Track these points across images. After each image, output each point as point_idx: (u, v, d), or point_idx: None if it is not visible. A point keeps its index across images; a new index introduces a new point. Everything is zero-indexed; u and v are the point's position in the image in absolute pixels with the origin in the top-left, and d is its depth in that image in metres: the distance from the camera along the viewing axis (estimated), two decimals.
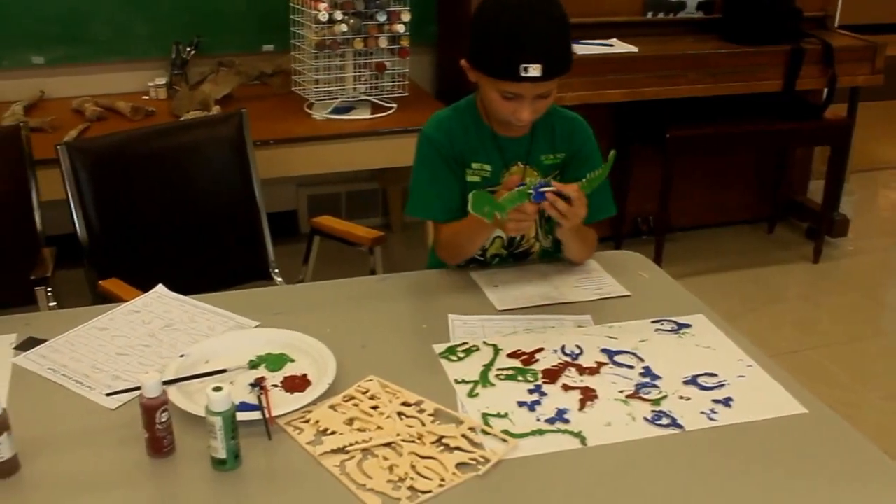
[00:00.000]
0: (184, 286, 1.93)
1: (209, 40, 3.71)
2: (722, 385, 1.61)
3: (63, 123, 3.24)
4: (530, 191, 1.74)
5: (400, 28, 3.35)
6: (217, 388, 1.35)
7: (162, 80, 3.64)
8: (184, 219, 2.50)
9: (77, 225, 2.34)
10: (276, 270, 2.62)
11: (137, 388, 1.48)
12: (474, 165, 1.97)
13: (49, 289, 2.30)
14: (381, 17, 3.32)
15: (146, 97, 3.62)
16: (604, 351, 1.71)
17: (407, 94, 3.49)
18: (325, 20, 3.24)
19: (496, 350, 1.72)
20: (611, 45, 3.74)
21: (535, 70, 1.75)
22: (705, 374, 1.64)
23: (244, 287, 2.15)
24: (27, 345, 1.69)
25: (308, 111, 3.46)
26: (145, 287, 2.11)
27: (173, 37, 3.66)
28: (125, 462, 1.40)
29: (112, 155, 2.42)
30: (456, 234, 1.98)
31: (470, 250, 2.02)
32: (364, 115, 3.44)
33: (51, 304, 2.33)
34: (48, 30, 3.59)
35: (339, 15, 3.26)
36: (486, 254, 2.06)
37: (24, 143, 2.44)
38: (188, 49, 3.65)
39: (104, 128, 3.27)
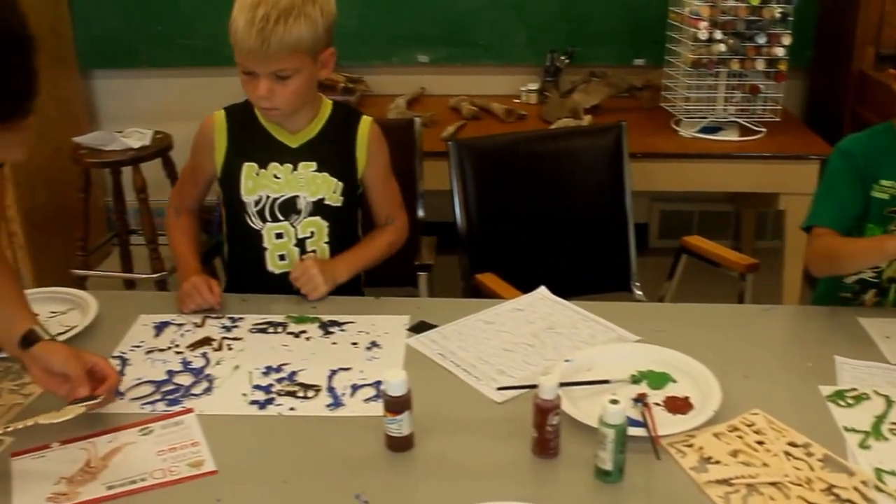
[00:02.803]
0: (547, 287, 1.97)
1: (583, 51, 3.76)
2: None
3: (441, 119, 3.42)
4: None
5: (779, 51, 3.22)
6: (614, 401, 1.35)
7: (534, 86, 3.74)
8: (555, 223, 2.55)
9: (458, 216, 2.46)
10: (638, 284, 2.60)
11: (529, 387, 1.52)
12: (884, 183, 1.90)
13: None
14: (761, 40, 3.21)
15: (517, 101, 3.73)
16: None
17: (778, 119, 3.34)
18: (703, 39, 3.18)
19: (889, 402, 1.59)
20: None
21: None
22: None
23: (601, 296, 2.15)
24: (419, 328, 1.79)
25: (675, 128, 3.41)
26: (514, 284, 2.18)
27: (549, 45, 3.76)
28: (509, 456, 1.44)
29: (496, 154, 2.52)
30: (840, 249, 1.89)
31: (847, 269, 1.95)
32: (732, 136, 3.33)
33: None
34: (435, 31, 3.82)
35: (718, 34, 3.18)
36: (881, 276, 1.97)
37: (417, 136, 2.59)
38: (562, 58, 3.73)
39: (478, 127, 3.41)
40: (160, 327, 1.82)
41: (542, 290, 1.93)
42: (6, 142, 1.31)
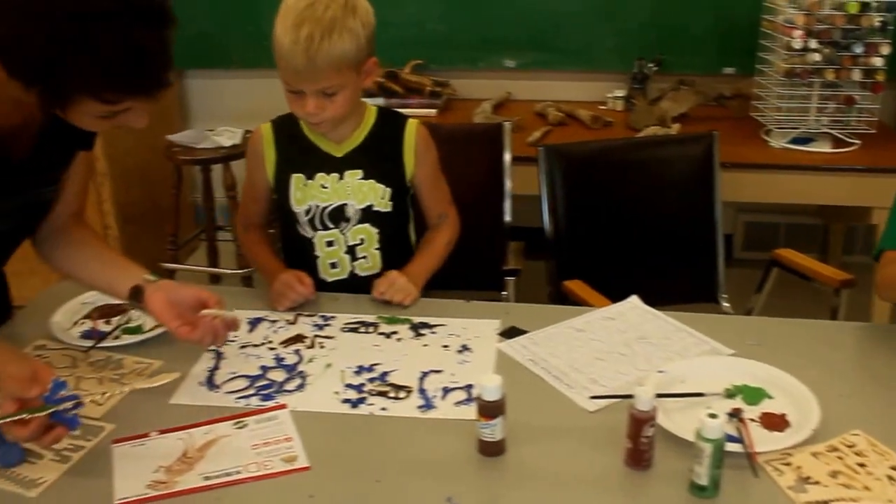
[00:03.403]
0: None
1: (671, 58, 3.73)
2: None
3: (526, 124, 3.41)
4: None
5: (877, 61, 3.14)
6: (712, 415, 1.33)
7: (620, 93, 3.71)
8: (643, 231, 2.53)
9: (546, 222, 2.46)
10: (725, 296, 2.56)
11: (623, 397, 1.50)
12: None
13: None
14: (858, 49, 3.13)
15: (603, 107, 3.71)
16: None
17: (873, 131, 3.26)
18: (798, 48, 3.12)
19: None
20: None
21: None
22: None
23: (688, 307, 2.11)
24: (510, 333, 1.79)
25: (765, 138, 3.35)
26: (599, 291, 2.17)
27: (637, 52, 3.73)
28: (601, 466, 1.42)
29: (586, 160, 2.51)
30: None
31: None
32: (825, 148, 3.26)
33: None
34: (522, 36, 3.82)
35: (813, 44, 3.12)
36: None
37: (506, 140, 2.59)
38: (650, 65, 3.69)
39: (564, 133, 3.40)
40: (254, 323, 1.85)
41: (634, 300, 1.92)
42: (140, 111, 1.41)
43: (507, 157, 2.58)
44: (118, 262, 1.71)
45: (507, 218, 2.60)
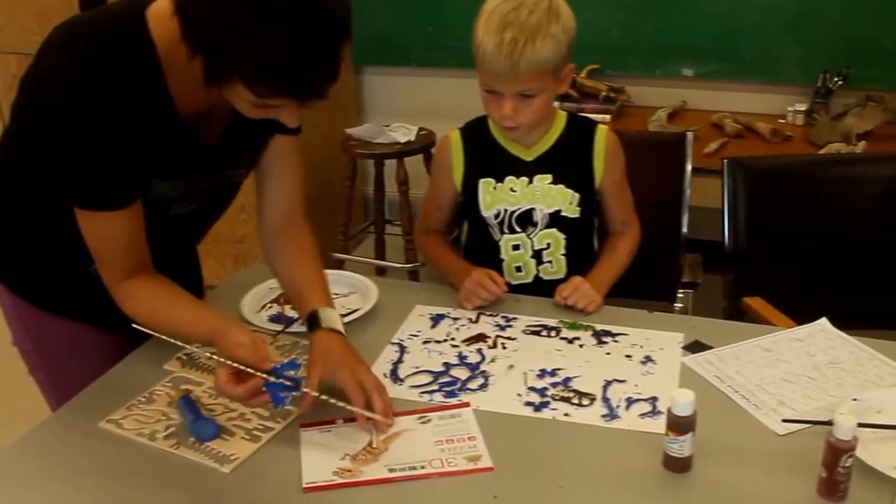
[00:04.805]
0: (813, 319, 1.88)
1: (858, 72, 3.57)
2: None
3: (701, 135, 3.34)
4: None
5: None
6: None
7: (802, 107, 3.59)
8: (828, 251, 2.43)
9: (726, 236, 2.40)
10: None
11: (821, 423, 1.46)
12: None
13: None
14: None
15: (782, 121, 3.59)
16: None
17: None
18: None
19: None
20: None
21: None
22: None
23: (875, 332, 2.03)
24: (694, 347, 1.76)
25: None
26: (778, 309, 2.10)
27: (822, 65, 3.58)
28: (791, 493, 1.38)
29: (772, 175, 2.44)
30: None
31: None
32: None
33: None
34: (702, 45, 3.74)
35: None
36: None
37: (688, 150, 2.55)
38: (835, 79, 3.55)
39: (741, 145, 3.33)
40: (436, 319, 1.88)
41: (823, 322, 1.85)
42: (292, 112, 1.41)
43: (689, 167, 2.53)
44: (313, 282, 1.70)
45: (684, 230, 2.55)
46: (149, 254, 1.60)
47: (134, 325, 1.56)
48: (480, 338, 1.81)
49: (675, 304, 2.48)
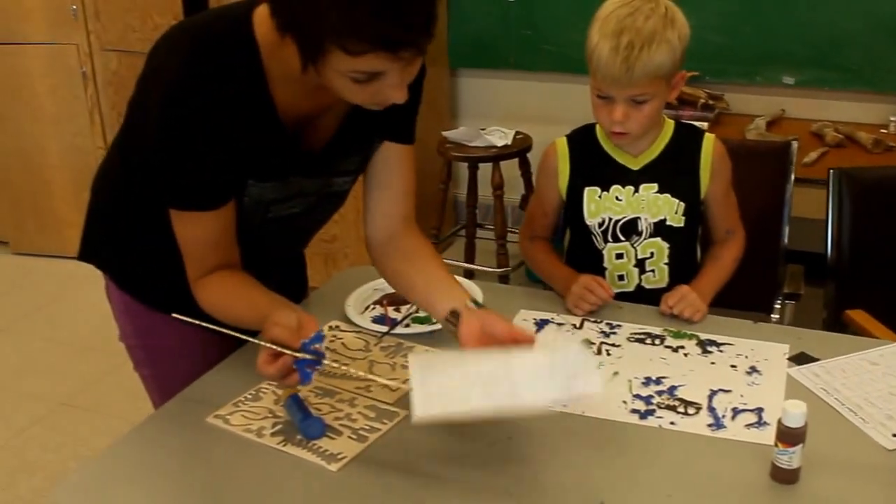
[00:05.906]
0: None
1: None
2: None
3: (801, 144, 3.29)
4: None
5: None
6: None
7: None
8: None
9: (829, 248, 2.38)
10: None
11: None
12: None
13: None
14: None
15: (884, 131, 3.53)
16: None
17: None
18: None
19: None
20: None
21: None
22: None
23: None
24: (800, 359, 1.76)
25: None
26: (883, 323, 2.08)
27: None
28: None
29: (879, 187, 2.42)
30: None
31: None
32: None
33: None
34: (805, 53, 3.69)
35: None
36: None
37: (792, 160, 2.53)
38: None
39: (842, 155, 3.28)
40: (540, 325, 1.91)
41: None
42: (394, 80, 1.36)
43: (792, 177, 2.52)
44: (443, 281, 1.67)
45: (785, 241, 2.54)
46: (237, 254, 1.62)
47: (174, 315, 1.55)
48: (585, 344, 1.83)
49: (772, 315, 2.47)
